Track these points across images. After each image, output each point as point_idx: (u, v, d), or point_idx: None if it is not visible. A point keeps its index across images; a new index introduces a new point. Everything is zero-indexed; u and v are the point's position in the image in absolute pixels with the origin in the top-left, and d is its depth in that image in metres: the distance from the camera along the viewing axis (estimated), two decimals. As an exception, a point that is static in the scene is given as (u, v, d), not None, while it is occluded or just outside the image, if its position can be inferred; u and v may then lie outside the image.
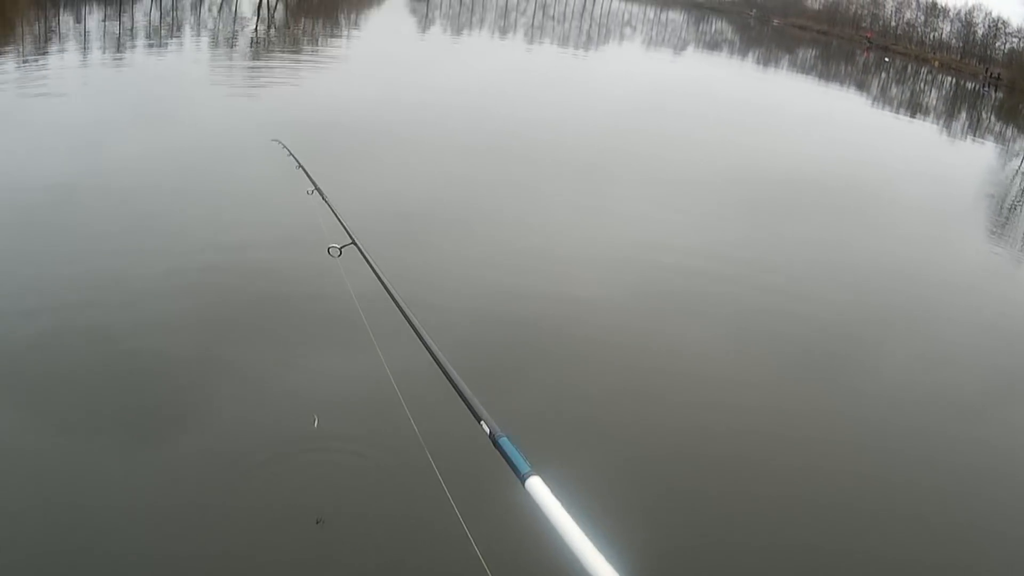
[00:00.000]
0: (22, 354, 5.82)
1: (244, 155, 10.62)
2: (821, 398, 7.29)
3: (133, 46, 22.40)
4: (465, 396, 2.09)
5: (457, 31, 38.15)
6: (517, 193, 11.93)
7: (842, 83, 39.30)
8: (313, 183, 3.98)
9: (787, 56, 53.06)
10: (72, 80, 15.64)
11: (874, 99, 34.69)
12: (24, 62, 18.67)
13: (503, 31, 41.57)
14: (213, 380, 5.79)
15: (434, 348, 2.26)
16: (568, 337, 7.49)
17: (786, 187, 14.77)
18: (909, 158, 21.11)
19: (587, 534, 1.64)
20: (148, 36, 24.17)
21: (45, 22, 27.19)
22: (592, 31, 51.91)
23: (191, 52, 22.49)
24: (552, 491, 1.77)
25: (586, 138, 16.61)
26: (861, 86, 37.57)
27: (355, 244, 3.03)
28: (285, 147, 4.73)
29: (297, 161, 4.37)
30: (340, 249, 3.02)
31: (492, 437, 1.95)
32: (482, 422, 2.00)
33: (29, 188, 9.04)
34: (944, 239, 13.61)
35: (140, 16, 29.35)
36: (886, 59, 58.46)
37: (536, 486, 1.78)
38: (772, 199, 13.93)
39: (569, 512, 1.70)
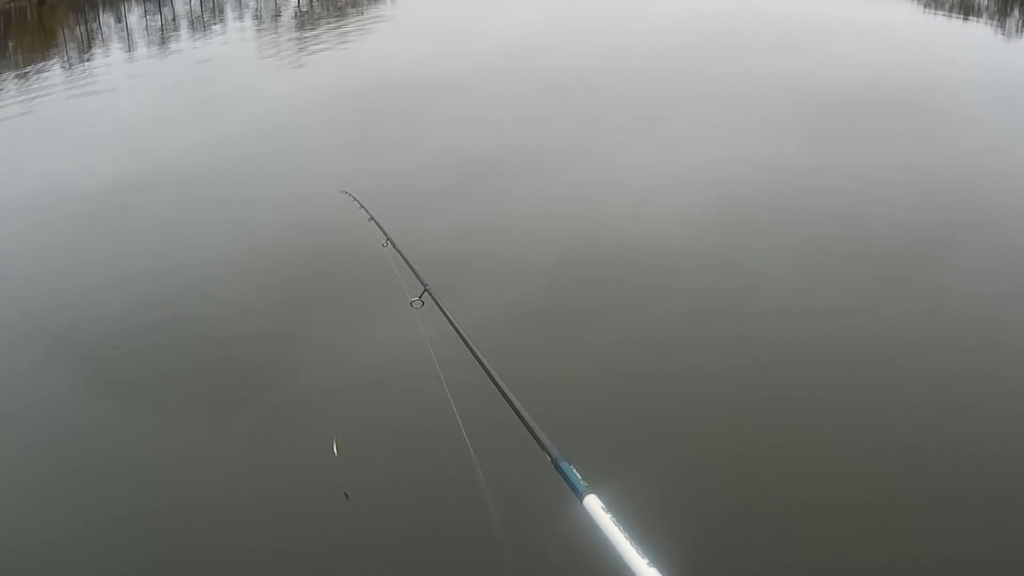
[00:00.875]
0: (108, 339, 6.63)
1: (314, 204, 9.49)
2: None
3: (177, 38, 22.79)
4: (531, 427, 2.35)
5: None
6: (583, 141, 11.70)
7: (891, -11, 37.56)
8: (385, 234, 4.07)
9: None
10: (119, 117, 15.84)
11: (925, 3, 33.12)
12: (71, 72, 19.28)
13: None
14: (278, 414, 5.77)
15: (502, 384, 2.51)
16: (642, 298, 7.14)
17: (850, 95, 14.21)
18: (970, 58, 20.23)
19: (642, 549, 1.77)
20: (191, 28, 24.58)
21: (85, 25, 27.88)
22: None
23: (235, 39, 22.80)
24: (608, 507, 1.94)
25: (645, 73, 16.20)
26: (910, -10, 35.91)
27: (427, 292, 3.28)
28: (354, 198, 4.82)
29: (368, 213, 4.45)
30: (421, 299, 3.26)
31: (554, 461, 2.20)
32: (545, 450, 2.24)
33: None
34: (1018, 137, 13.12)
35: (180, 6, 29.75)
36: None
37: (592, 504, 1.98)
38: (839, 107, 13.54)
39: (624, 527, 1.86)
